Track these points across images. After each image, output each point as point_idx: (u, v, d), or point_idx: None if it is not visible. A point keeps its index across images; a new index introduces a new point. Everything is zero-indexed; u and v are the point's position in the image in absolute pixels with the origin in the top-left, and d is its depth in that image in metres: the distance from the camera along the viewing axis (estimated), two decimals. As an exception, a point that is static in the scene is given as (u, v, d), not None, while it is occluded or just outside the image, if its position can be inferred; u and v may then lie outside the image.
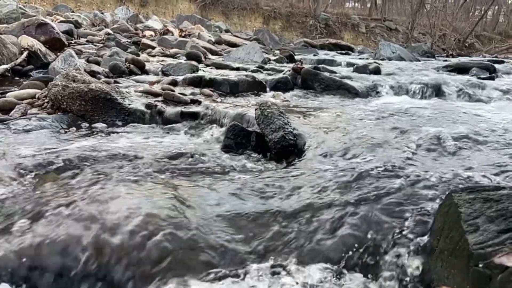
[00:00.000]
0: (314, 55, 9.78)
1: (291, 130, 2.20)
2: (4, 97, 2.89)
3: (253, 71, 5.01)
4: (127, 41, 7.76)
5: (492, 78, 5.42)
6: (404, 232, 1.19)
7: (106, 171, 1.72)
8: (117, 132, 2.52)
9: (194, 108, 3.00)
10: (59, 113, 2.71)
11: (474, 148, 1.91)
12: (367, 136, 2.15)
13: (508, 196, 1.03)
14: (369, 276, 1.11)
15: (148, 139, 2.35)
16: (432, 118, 2.84)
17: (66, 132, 2.42)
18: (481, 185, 1.14)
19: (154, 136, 2.46)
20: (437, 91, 4.27)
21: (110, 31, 8.73)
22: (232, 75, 4.23)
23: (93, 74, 3.69)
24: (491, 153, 1.83)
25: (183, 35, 9.51)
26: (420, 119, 2.83)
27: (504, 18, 34.72)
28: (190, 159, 1.91)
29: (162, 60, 5.81)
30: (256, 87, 4.01)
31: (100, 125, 2.62)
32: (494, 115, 3.08)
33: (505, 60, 10.18)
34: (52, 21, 6.76)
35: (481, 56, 15.14)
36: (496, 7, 32.04)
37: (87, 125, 2.61)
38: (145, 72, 4.66)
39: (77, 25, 8.70)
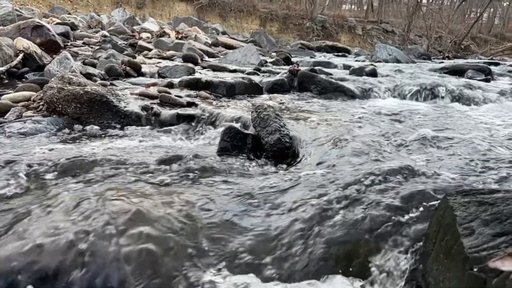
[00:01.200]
0: (311, 57, 9.80)
1: (287, 132, 2.20)
2: (-1, 99, 2.88)
3: (249, 73, 5.01)
4: (123, 43, 7.74)
5: (487, 80, 5.45)
6: (399, 235, 1.19)
7: (95, 174, 1.70)
8: (112, 135, 2.50)
9: (190, 111, 3.00)
10: (54, 115, 2.70)
11: (468, 151, 1.91)
12: (362, 139, 2.15)
13: (503, 199, 1.03)
14: (365, 279, 1.11)
15: (143, 142, 2.34)
16: (427, 121, 2.85)
17: (60, 135, 2.41)
18: (476, 188, 1.15)
19: (150, 138, 2.45)
20: (433, 93, 4.28)
21: (107, 33, 8.71)
22: (229, 77, 4.23)
23: (89, 76, 3.68)
24: (485, 155, 1.83)
25: (179, 37, 9.51)
26: (414, 122, 2.84)
27: (499, 20, 34.98)
28: (185, 162, 1.90)
29: (159, 62, 5.80)
30: (253, 89, 4.01)
31: (95, 128, 2.61)
32: (489, 117, 3.09)
33: (500, 62, 10.24)
34: (48, 23, 6.73)
35: (476, 58, 15.22)
36: (492, 9, 32.26)
37: (82, 127, 2.60)
38: (141, 74, 4.65)
39: (74, 27, 8.68)
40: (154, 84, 3.79)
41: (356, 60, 9.43)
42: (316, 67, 5.72)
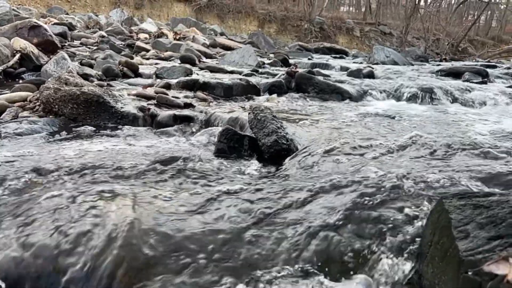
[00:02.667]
0: (309, 58, 9.81)
1: (284, 134, 2.19)
2: (-5, 100, 2.87)
3: (247, 75, 5.01)
4: (121, 44, 7.73)
5: (484, 83, 5.48)
6: (395, 238, 1.19)
7: (89, 176, 1.69)
8: (108, 136, 2.49)
9: (187, 112, 2.99)
10: (50, 116, 2.69)
11: (464, 154, 1.92)
12: (359, 142, 2.15)
13: (498, 202, 1.03)
14: (361, 282, 1.10)
15: (139, 143, 2.33)
16: (424, 123, 2.86)
17: (56, 136, 2.39)
18: (471, 191, 1.15)
19: (146, 139, 2.44)
20: (430, 95, 4.30)
21: (104, 34, 8.69)
22: (226, 79, 4.23)
23: (86, 77, 3.67)
24: (481, 158, 1.84)
25: (177, 38, 9.51)
26: (411, 124, 2.85)
27: (497, 23, 35.18)
28: (181, 164, 1.89)
29: (156, 63, 5.80)
30: (250, 90, 4.01)
31: (91, 129, 2.59)
32: (485, 119, 3.10)
33: (497, 64, 10.28)
34: (46, 23, 6.71)
35: (474, 60, 15.24)
36: (489, 12, 32.41)
37: (79, 128, 2.58)
38: (138, 75, 4.64)
39: (71, 27, 8.66)
40: (151, 85, 3.79)
41: (353, 62, 9.44)
42: (313, 69, 5.73)
